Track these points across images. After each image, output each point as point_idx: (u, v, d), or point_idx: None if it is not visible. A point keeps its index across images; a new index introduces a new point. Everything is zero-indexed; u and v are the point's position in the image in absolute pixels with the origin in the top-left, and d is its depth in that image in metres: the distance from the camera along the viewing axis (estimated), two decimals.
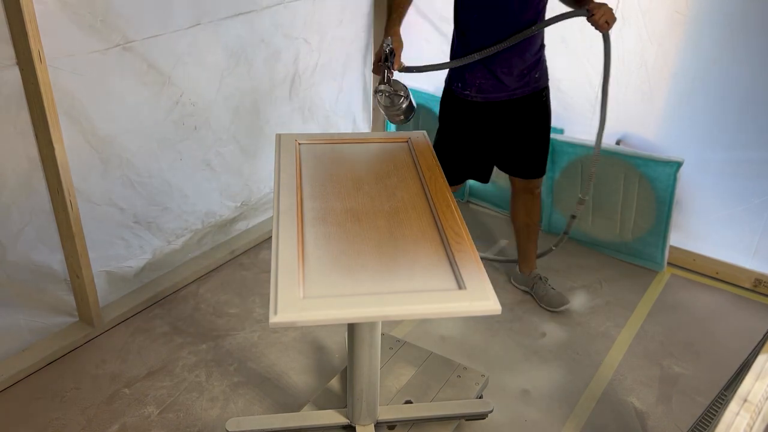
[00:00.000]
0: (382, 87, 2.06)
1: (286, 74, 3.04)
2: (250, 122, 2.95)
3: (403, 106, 2.08)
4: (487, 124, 2.42)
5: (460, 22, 2.34)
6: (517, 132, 2.44)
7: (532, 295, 2.79)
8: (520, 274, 2.84)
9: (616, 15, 2.20)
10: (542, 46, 2.36)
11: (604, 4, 2.14)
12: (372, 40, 3.49)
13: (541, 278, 2.78)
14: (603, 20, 2.14)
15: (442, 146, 2.50)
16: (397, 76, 2.10)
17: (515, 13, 2.23)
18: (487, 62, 2.29)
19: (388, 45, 2.04)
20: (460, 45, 2.35)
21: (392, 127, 3.69)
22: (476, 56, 2.24)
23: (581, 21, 2.22)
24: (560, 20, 2.21)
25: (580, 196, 2.55)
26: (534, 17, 2.25)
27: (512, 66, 2.29)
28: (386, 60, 2.03)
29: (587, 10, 2.16)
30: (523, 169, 2.55)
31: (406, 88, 2.08)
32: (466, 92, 2.37)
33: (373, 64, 2.13)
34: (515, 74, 2.31)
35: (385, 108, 2.10)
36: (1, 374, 2.24)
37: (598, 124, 2.43)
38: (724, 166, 2.76)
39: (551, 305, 2.70)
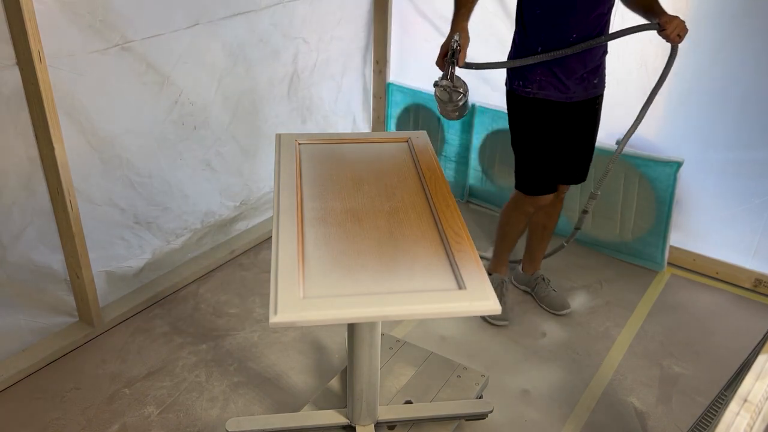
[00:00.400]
0: (444, 82, 2.04)
1: (285, 74, 3.04)
2: (250, 122, 2.95)
3: (460, 103, 2.07)
4: (548, 123, 2.34)
5: (522, 16, 2.24)
6: (567, 136, 2.36)
7: (532, 296, 2.79)
8: (523, 274, 2.83)
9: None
10: (605, 53, 2.28)
11: (676, 17, 2.04)
12: (371, 39, 3.49)
13: (543, 279, 2.76)
14: (675, 34, 2.05)
15: (523, 154, 2.41)
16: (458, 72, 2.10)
17: (583, 10, 2.12)
18: (548, 61, 2.20)
19: (456, 42, 2.01)
20: (521, 42, 2.27)
21: (392, 127, 3.69)
22: (538, 59, 2.16)
23: None
24: (629, 33, 2.13)
25: (592, 191, 2.52)
26: (604, 14, 2.15)
27: (573, 69, 2.22)
28: (452, 56, 2.01)
29: (658, 24, 2.06)
30: (566, 174, 2.47)
31: (466, 85, 2.08)
32: (527, 89, 2.28)
33: (438, 58, 2.08)
34: (574, 78, 2.23)
35: (442, 102, 2.09)
36: (1, 374, 2.24)
37: (631, 123, 2.31)
38: (724, 166, 2.76)
39: (552, 307, 2.69)
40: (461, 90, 2.06)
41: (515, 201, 2.55)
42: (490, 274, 2.72)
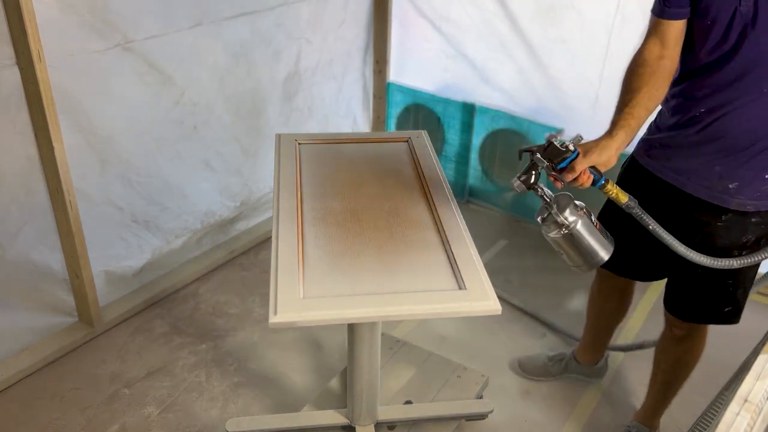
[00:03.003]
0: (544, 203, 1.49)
1: (286, 74, 3.04)
2: (251, 122, 2.95)
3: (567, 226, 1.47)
4: (649, 208, 1.66)
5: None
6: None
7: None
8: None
9: (618, 15, 1.77)
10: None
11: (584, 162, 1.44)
12: (371, 39, 3.49)
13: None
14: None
15: (605, 216, 1.90)
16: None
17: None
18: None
19: (567, 144, 1.41)
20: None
21: (392, 127, 3.69)
22: None
23: (581, 19, 2.07)
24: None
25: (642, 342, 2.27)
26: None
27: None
28: (551, 160, 1.42)
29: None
30: (666, 292, 1.87)
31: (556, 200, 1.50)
32: (638, 146, 1.79)
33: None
34: (710, 161, 1.60)
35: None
36: (1, 374, 2.24)
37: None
38: None
39: None
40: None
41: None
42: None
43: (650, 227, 1.53)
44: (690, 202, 1.64)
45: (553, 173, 1.44)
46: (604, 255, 1.49)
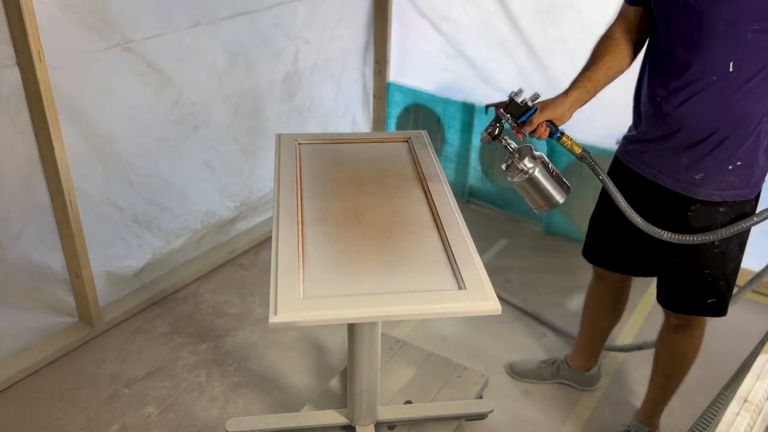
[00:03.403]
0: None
1: (285, 74, 3.04)
2: (250, 122, 2.95)
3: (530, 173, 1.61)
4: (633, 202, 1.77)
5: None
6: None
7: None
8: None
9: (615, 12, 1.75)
10: (756, 131, 1.58)
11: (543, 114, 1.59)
12: (371, 39, 3.49)
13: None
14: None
15: (597, 213, 1.99)
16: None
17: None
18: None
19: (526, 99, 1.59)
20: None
21: (392, 127, 3.69)
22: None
23: (581, 19, 2.09)
24: (744, 228, 1.64)
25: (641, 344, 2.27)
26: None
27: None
28: (509, 110, 1.60)
29: None
30: (658, 283, 1.89)
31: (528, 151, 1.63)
32: (617, 145, 1.88)
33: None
34: (677, 152, 1.67)
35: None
36: (1, 374, 2.24)
37: None
38: None
39: None
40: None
41: None
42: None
43: (600, 177, 1.65)
44: (663, 194, 1.72)
45: (515, 126, 1.61)
46: (560, 198, 1.61)
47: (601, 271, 2.05)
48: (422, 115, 3.53)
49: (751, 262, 2.90)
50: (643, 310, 2.74)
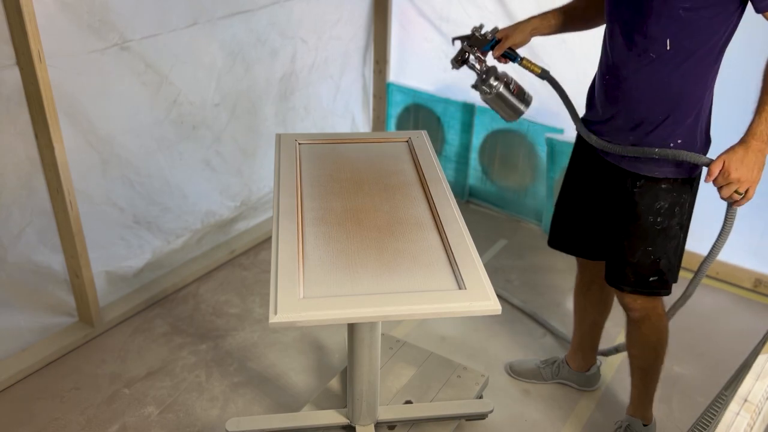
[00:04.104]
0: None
1: (283, 73, 3.04)
2: (248, 122, 2.95)
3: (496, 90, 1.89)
4: (578, 166, 1.94)
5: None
6: (597, 201, 1.89)
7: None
8: (575, 374, 2.31)
9: None
10: (695, 111, 1.66)
11: (740, 169, 1.53)
12: (371, 39, 3.49)
13: (626, 429, 2.10)
14: (726, 195, 1.58)
15: (559, 199, 2.04)
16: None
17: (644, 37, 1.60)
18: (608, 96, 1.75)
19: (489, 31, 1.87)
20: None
21: (392, 127, 3.69)
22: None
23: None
24: (665, 156, 1.64)
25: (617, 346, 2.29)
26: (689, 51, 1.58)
27: (619, 117, 1.73)
28: (472, 43, 1.89)
29: (708, 164, 1.58)
30: (607, 266, 1.91)
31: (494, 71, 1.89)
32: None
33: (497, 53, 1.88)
34: (624, 130, 1.74)
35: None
36: (1, 374, 2.24)
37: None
38: None
39: None
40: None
41: None
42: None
43: (560, 91, 1.87)
44: (614, 171, 1.79)
45: (479, 57, 1.89)
46: (523, 108, 1.91)
47: (581, 261, 2.11)
48: (422, 115, 3.53)
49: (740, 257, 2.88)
50: None
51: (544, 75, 1.87)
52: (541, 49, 3.04)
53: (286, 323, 1.30)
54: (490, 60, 1.92)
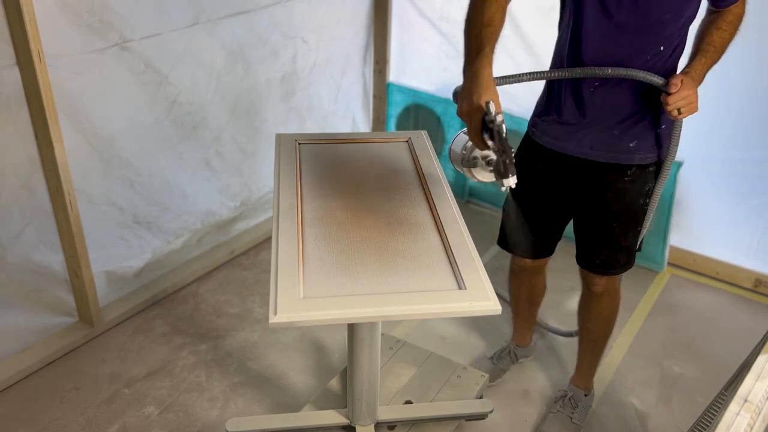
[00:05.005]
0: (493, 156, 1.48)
1: (283, 74, 3.04)
2: (249, 122, 2.95)
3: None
4: (548, 179, 1.91)
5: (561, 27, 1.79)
6: (578, 201, 1.92)
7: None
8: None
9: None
10: (656, 107, 1.72)
11: (689, 89, 1.61)
12: (371, 39, 3.49)
13: (570, 400, 2.19)
14: (674, 107, 1.62)
15: (511, 204, 2.04)
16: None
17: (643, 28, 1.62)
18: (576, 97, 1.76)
19: (492, 114, 1.34)
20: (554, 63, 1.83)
21: (392, 127, 3.69)
22: (557, 74, 1.70)
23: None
24: (627, 76, 1.65)
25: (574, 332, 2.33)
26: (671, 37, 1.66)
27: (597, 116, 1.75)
28: (494, 133, 1.35)
29: (666, 84, 1.62)
30: (577, 249, 2.00)
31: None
32: (534, 129, 1.90)
33: (474, 135, 1.40)
34: (594, 127, 1.77)
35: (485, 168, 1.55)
36: (1, 374, 2.24)
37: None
38: (724, 166, 2.76)
39: None
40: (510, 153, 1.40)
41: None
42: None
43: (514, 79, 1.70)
44: (597, 167, 1.81)
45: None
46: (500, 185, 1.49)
47: (520, 260, 2.16)
48: (422, 115, 3.53)
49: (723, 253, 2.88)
50: (643, 310, 2.74)
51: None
52: (541, 48, 3.04)
53: (286, 323, 1.30)
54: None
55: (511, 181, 1.34)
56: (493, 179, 1.43)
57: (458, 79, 1.52)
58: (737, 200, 2.77)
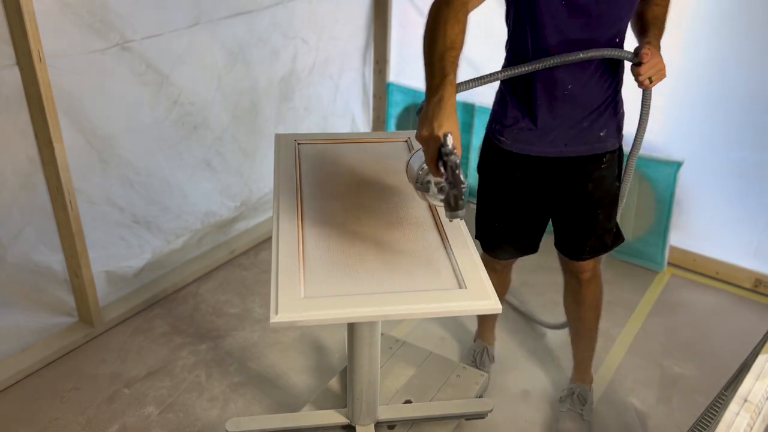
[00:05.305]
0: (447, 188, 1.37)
1: (284, 74, 3.04)
2: (249, 122, 2.95)
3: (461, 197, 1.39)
4: (528, 183, 1.93)
5: (514, 30, 1.80)
6: (559, 197, 1.94)
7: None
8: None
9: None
10: (616, 96, 1.82)
11: (657, 57, 1.69)
12: (371, 39, 3.49)
13: (578, 398, 2.22)
14: (646, 77, 1.68)
15: (479, 206, 2.04)
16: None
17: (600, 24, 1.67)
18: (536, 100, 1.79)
19: (450, 148, 1.34)
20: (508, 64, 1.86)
21: (392, 127, 3.69)
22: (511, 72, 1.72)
23: None
24: (600, 56, 1.68)
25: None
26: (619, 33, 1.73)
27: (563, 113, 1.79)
28: (448, 166, 1.34)
29: (636, 56, 1.68)
30: (560, 241, 2.03)
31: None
32: (502, 138, 1.89)
33: (430, 162, 1.39)
34: (566, 125, 1.81)
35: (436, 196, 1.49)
36: (1, 374, 2.24)
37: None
38: (724, 166, 2.76)
39: None
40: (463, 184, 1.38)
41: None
42: (474, 340, 2.47)
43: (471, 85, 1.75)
44: (575, 161, 1.86)
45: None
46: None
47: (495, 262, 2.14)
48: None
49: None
50: (643, 310, 2.74)
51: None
52: None
53: (287, 323, 1.30)
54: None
55: (459, 215, 1.34)
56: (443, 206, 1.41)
57: (458, 80, 1.52)
58: (737, 200, 2.77)
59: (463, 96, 3.31)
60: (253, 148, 3.01)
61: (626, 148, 1.90)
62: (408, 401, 2.08)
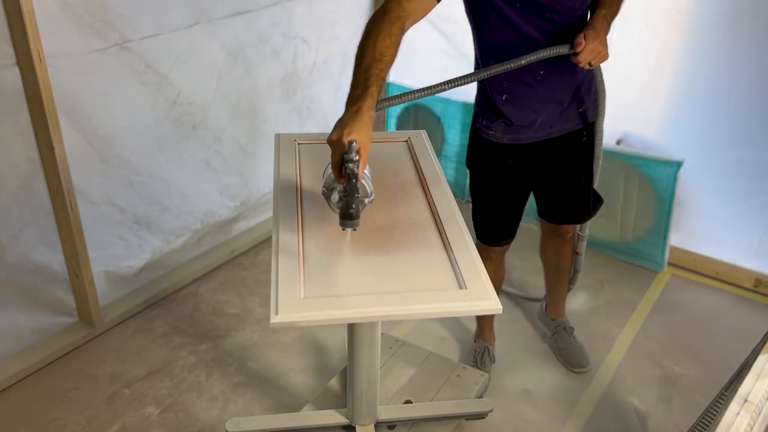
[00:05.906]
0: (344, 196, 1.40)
1: (284, 74, 3.04)
2: (249, 122, 2.95)
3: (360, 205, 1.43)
4: (520, 168, 2.03)
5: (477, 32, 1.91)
6: (547, 173, 2.07)
7: (551, 345, 2.53)
8: (545, 315, 2.59)
9: (618, 15, 1.84)
10: (590, 72, 1.91)
11: (595, 41, 1.70)
12: None
13: (565, 328, 2.49)
14: (586, 62, 1.72)
15: (475, 200, 2.14)
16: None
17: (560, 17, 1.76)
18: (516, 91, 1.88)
19: (354, 159, 1.35)
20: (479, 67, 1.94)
21: (392, 127, 3.69)
22: (486, 73, 1.81)
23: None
24: (544, 56, 1.73)
25: (579, 231, 2.39)
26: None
27: (545, 99, 1.89)
28: (350, 178, 1.36)
29: (571, 46, 1.72)
30: (549, 211, 2.21)
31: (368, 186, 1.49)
32: (491, 132, 1.98)
33: (335, 169, 1.40)
34: (549, 109, 1.91)
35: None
36: (1, 374, 2.24)
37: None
38: (724, 166, 2.76)
39: (568, 362, 2.42)
40: (369, 197, 1.47)
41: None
42: (474, 340, 2.49)
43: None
44: (560, 140, 1.98)
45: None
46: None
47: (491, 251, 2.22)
48: (422, 115, 3.53)
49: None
50: (643, 310, 2.74)
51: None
52: None
53: (287, 323, 1.30)
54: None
55: (351, 224, 1.37)
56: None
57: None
58: (737, 200, 2.77)
59: (464, 96, 3.31)
60: (253, 148, 3.01)
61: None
62: (408, 401, 2.08)
